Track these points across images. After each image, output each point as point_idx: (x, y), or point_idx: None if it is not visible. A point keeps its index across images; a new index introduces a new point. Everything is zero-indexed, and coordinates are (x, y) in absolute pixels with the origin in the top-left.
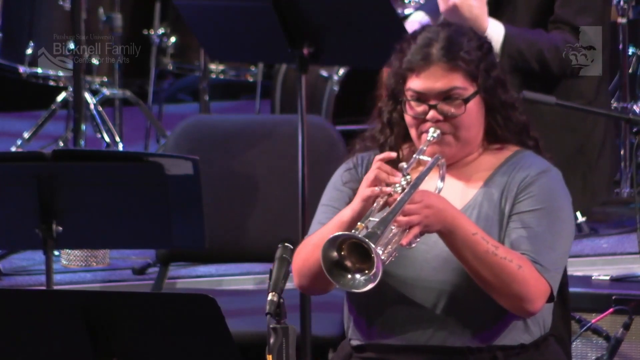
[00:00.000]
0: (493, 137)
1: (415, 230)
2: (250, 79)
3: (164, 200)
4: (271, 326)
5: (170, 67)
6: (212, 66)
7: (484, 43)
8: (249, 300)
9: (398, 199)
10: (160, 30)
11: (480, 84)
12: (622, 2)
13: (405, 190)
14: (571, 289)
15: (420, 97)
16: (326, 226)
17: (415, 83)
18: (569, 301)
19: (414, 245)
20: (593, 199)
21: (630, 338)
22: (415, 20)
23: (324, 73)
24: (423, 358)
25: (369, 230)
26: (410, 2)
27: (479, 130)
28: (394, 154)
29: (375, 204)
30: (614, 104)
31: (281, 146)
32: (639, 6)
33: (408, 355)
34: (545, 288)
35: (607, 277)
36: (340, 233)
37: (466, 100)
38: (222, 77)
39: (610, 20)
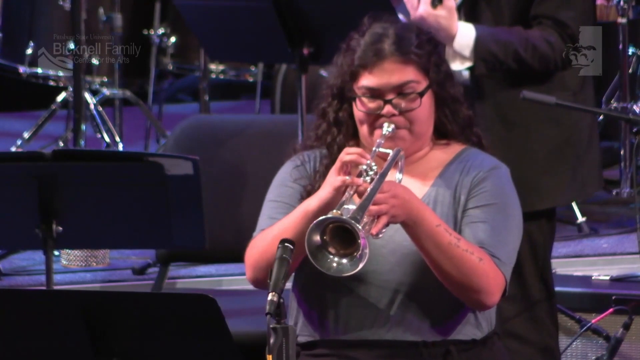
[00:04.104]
0: (441, 132)
1: (384, 219)
2: (250, 79)
3: (163, 200)
4: (271, 326)
5: (170, 67)
6: (212, 66)
7: (432, 37)
8: (249, 300)
9: (370, 187)
10: (160, 30)
11: (432, 78)
12: (622, 2)
13: (375, 179)
14: (571, 289)
15: (374, 93)
16: (288, 217)
17: (368, 80)
18: (556, 306)
19: (381, 235)
20: (583, 190)
21: (630, 338)
22: None
23: (324, 73)
24: (377, 353)
25: (350, 215)
26: None
27: (430, 124)
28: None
29: (345, 194)
30: (614, 104)
31: (281, 146)
32: (639, 6)
33: (362, 351)
34: (502, 281)
35: (607, 277)
36: (328, 216)
37: (421, 94)
38: (222, 77)
39: (594, 14)
